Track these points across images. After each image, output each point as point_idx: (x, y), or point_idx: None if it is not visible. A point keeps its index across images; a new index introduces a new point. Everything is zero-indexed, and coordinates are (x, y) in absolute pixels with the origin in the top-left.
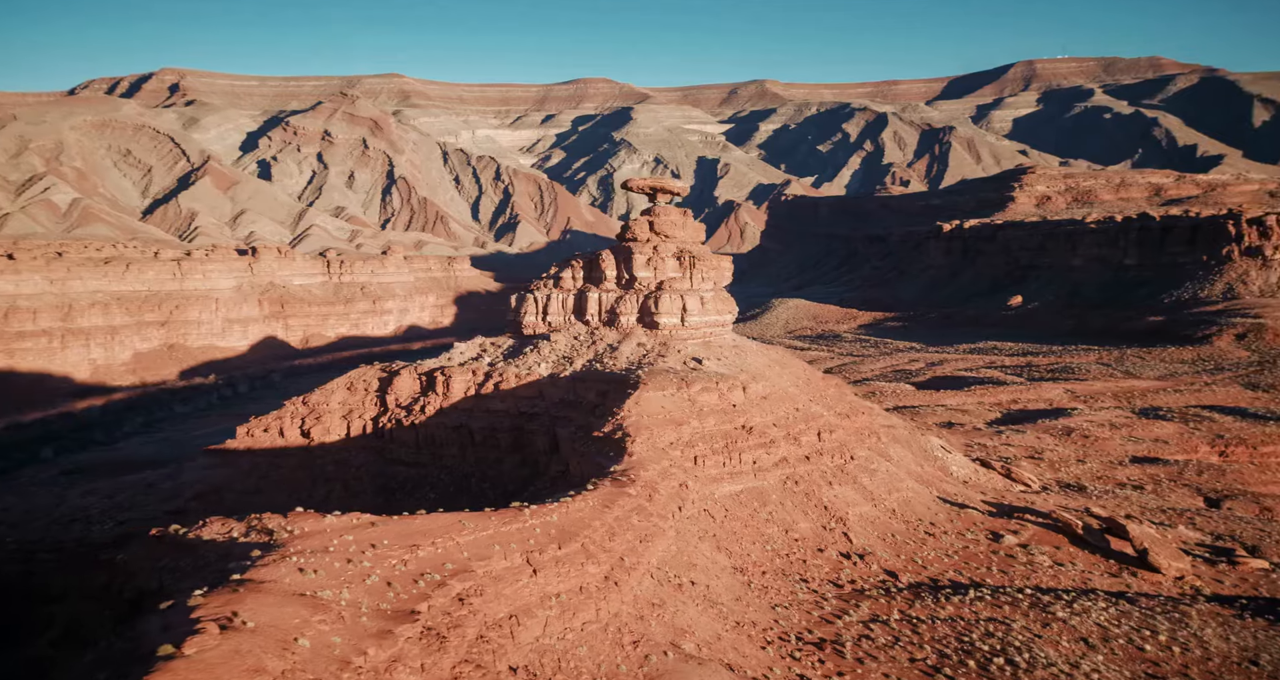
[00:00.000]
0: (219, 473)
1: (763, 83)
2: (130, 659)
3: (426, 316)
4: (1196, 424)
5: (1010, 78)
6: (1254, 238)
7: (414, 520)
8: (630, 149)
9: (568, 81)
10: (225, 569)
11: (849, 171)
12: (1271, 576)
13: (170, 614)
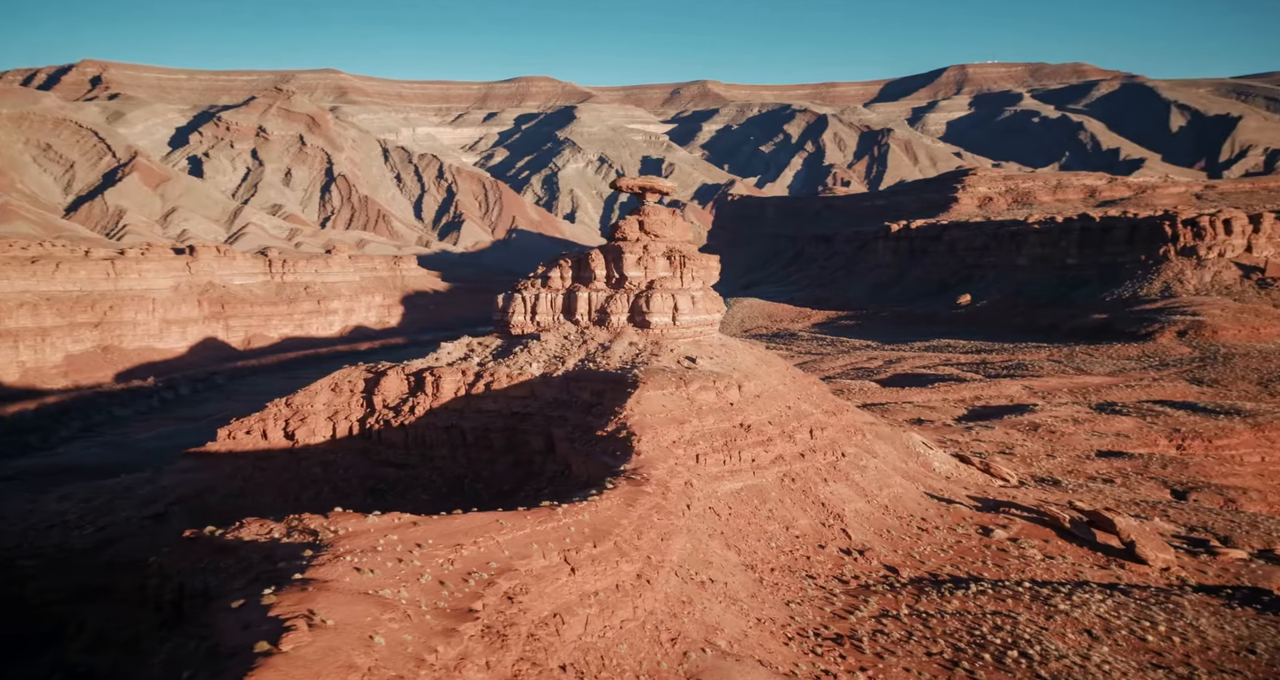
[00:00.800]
0: (200, 476)
1: (704, 83)
2: (215, 655)
3: (373, 317)
4: (1153, 419)
5: (943, 81)
6: (1189, 238)
7: (454, 520)
8: (574, 148)
9: (510, 80)
10: (275, 569)
11: (791, 172)
12: (1251, 566)
13: (245, 612)
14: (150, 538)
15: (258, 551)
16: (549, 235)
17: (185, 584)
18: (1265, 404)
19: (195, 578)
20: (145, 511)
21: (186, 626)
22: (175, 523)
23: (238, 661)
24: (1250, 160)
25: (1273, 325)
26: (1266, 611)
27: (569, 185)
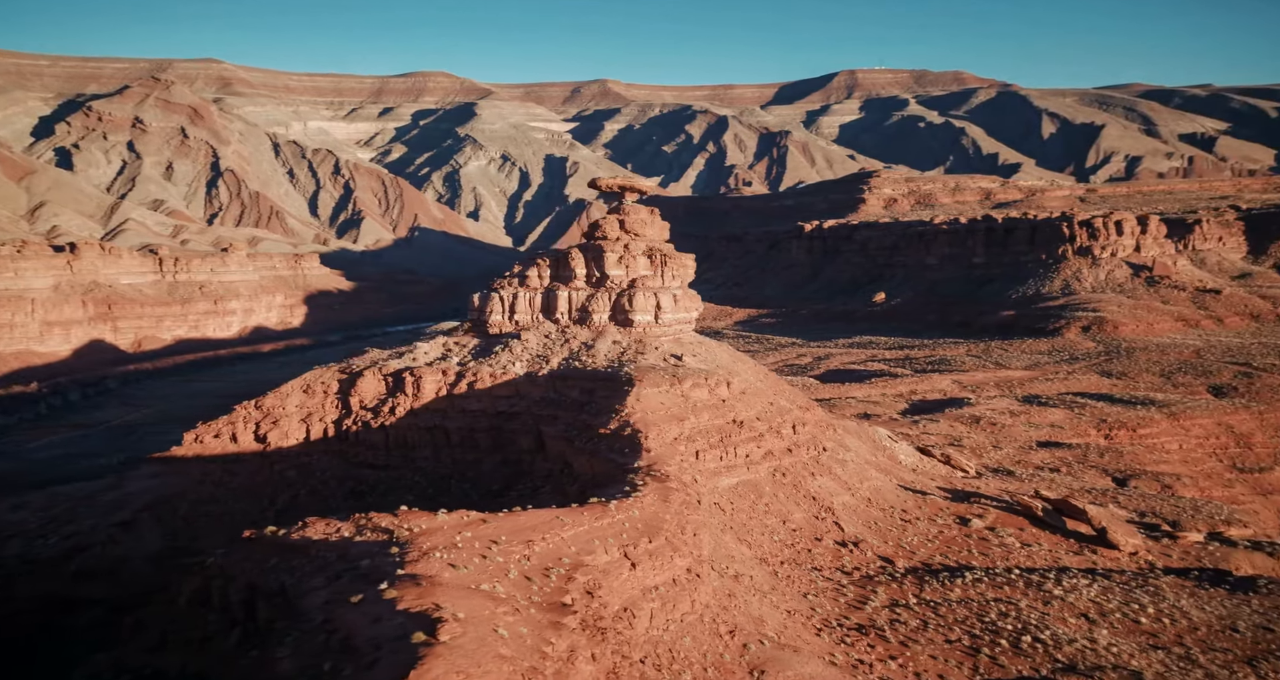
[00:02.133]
0: (168, 482)
1: (605, 82)
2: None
3: (274, 317)
4: (1080, 410)
5: (835, 86)
6: (1084, 239)
7: (518, 517)
8: (476, 145)
9: (405, 74)
10: (357, 566)
11: (694, 172)
12: (1208, 548)
13: (369, 607)
14: (121, 546)
15: (331, 550)
16: (453, 234)
17: (256, 584)
18: (1172, 395)
19: (267, 577)
20: (112, 519)
21: (290, 622)
22: (145, 530)
23: (393, 652)
24: (1113, 166)
25: (1163, 321)
26: (1236, 591)
27: (471, 183)
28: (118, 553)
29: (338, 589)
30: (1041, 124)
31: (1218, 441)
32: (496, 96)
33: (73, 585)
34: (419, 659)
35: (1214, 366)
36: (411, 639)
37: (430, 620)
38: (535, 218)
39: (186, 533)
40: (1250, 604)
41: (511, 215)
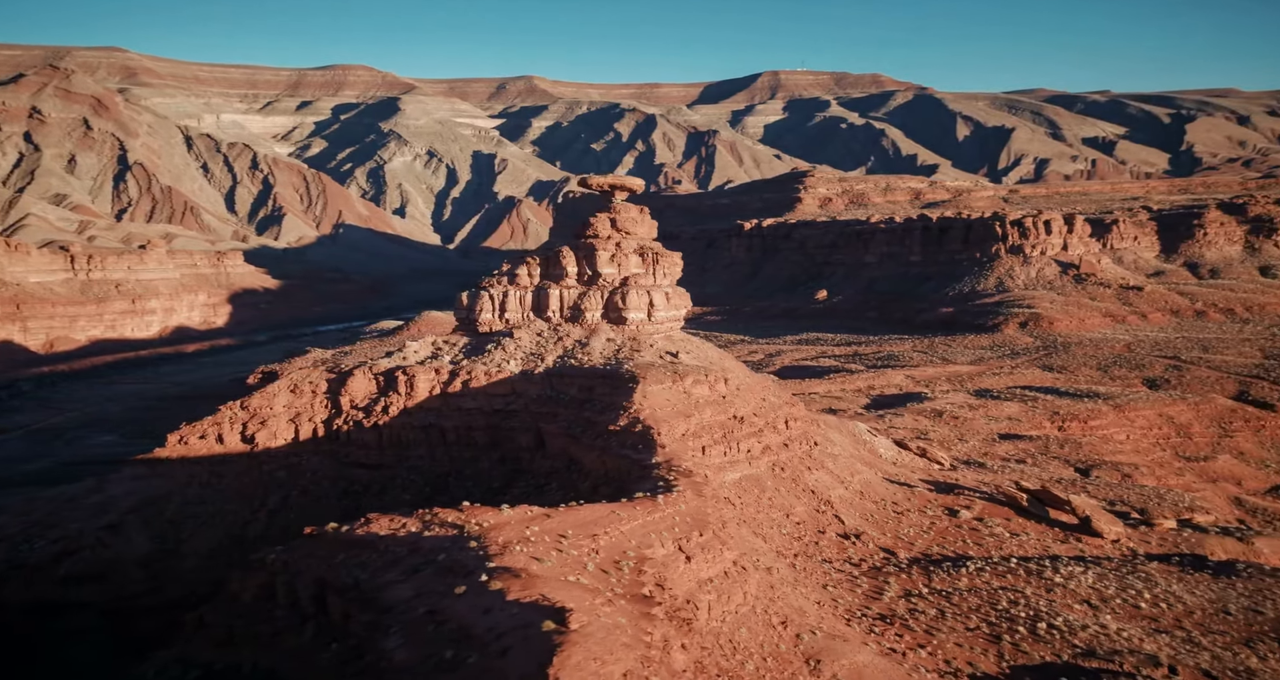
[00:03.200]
0: (152, 484)
1: (530, 79)
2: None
3: (197, 316)
4: (1032, 403)
5: (759, 86)
6: (1016, 237)
7: (578, 511)
8: (400, 141)
9: (324, 67)
10: (434, 561)
11: (623, 170)
12: (1183, 535)
13: (475, 598)
14: (110, 549)
15: (400, 545)
16: (380, 231)
17: (325, 579)
18: (1113, 387)
19: (337, 572)
20: (98, 523)
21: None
22: (132, 533)
23: (524, 640)
24: (1024, 168)
25: (1093, 316)
26: (1219, 575)
27: (397, 179)
28: (107, 556)
29: (422, 582)
30: (956, 126)
31: (1160, 432)
32: (420, 92)
33: (63, 589)
34: (557, 646)
35: (1145, 360)
36: (542, 627)
37: (555, 610)
38: (464, 215)
39: (175, 535)
40: (1235, 587)
41: (439, 212)
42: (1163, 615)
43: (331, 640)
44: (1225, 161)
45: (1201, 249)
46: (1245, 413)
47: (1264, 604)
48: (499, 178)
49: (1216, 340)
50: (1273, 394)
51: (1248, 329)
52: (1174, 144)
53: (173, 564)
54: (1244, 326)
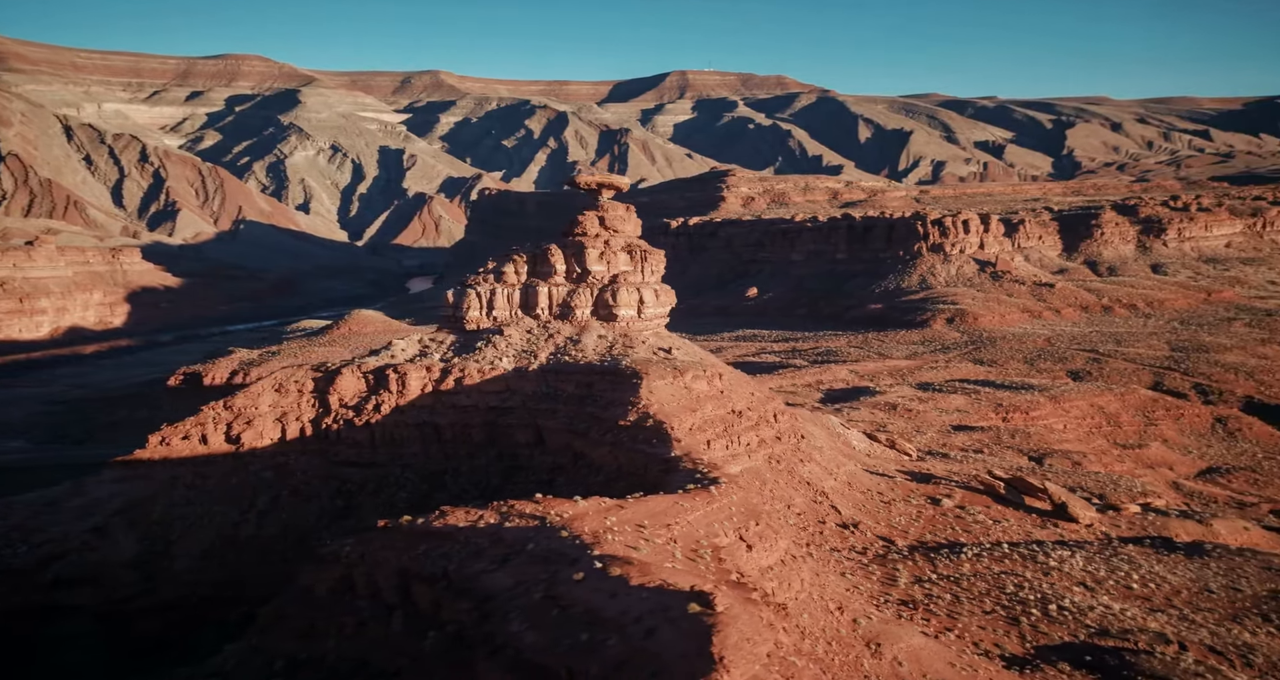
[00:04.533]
0: (135, 486)
1: (437, 73)
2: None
3: (92, 316)
4: (976, 396)
5: (668, 85)
6: (936, 236)
7: (646, 502)
8: (302, 134)
9: (216, 56)
10: (524, 550)
11: (536, 167)
12: (1148, 518)
13: (597, 583)
14: (98, 552)
15: (483, 536)
16: (282, 227)
17: (408, 569)
18: (1042, 379)
19: (420, 563)
20: (83, 526)
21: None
22: (119, 536)
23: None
24: (922, 169)
25: (1013, 312)
26: (1193, 556)
27: (299, 174)
28: (95, 559)
29: (520, 570)
30: (858, 128)
31: (1093, 421)
32: (321, 84)
33: (53, 593)
34: (712, 627)
35: (1067, 353)
36: (687, 610)
37: (696, 594)
38: (372, 211)
39: (164, 537)
40: (1210, 567)
41: (346, 208)
42: (1154, 595)
43: (426, 629)
44: (1102, 166)
45: (1100, 248)
46: (1165, 402)
47: (1240, 582)
48: (408, 174)
49: (1126, 334)
50: (1184, 384)
51: (1151, 323)
52: (1056, 148)
53: (165, 566)
54: (1147, 321)
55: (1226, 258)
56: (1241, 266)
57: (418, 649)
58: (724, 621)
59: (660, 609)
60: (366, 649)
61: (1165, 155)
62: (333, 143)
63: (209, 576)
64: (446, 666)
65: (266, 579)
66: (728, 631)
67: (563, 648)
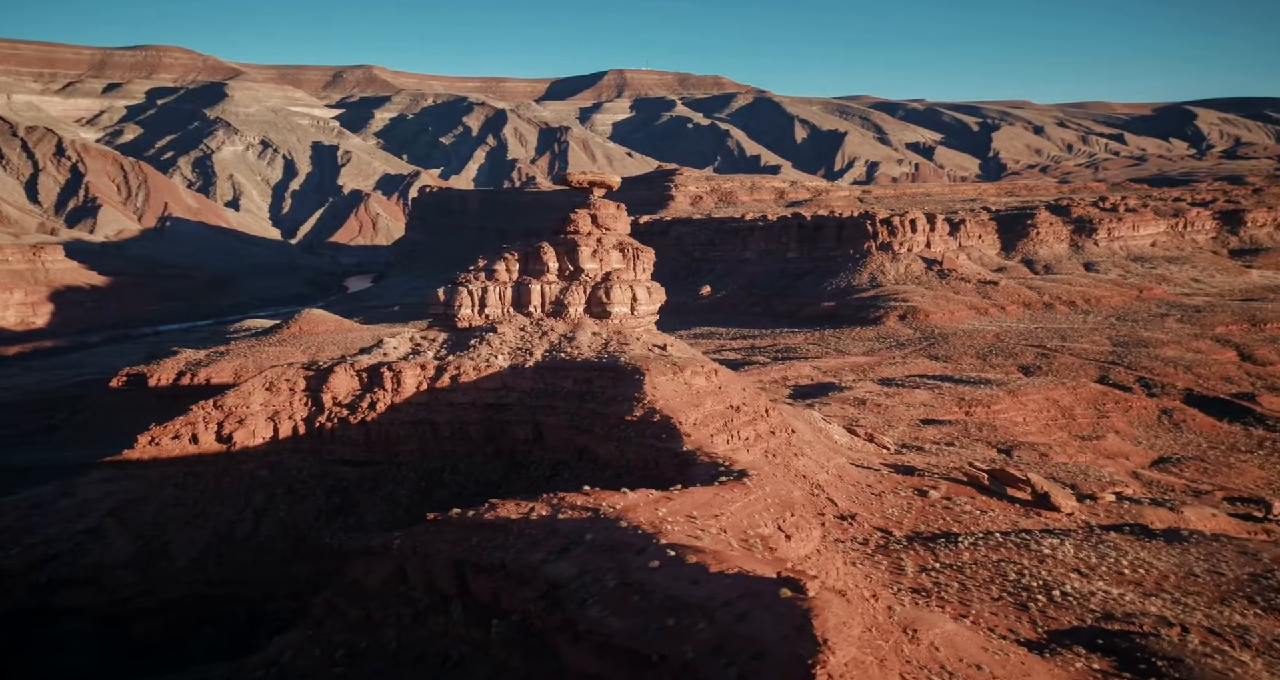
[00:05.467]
0: (126, 487)
1: (370, 68)
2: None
3: (13, 316)
4: (939, 391)
5: (605, 84)
6: (885, 235)
7: (690, 494)
8: (230, 129)
9: (134, 47)
10: (583, 540)
11: (475, 165)
12: (1123, 506)
13: (675, 570)
14: (93, 553)
15: (537, 527)
16: (212, 224)
17: (464, 560)
18: (996, 374)
19: (476, 554)
20: (76, 527)
21: (540, 592)
22: (113, 537)
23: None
24: (856, 170)
25: (961, 309)
26: (1172, 542)
27: (228, 170)
28: (90, 560)
29: (584, 559)
30: (794, 129)
31: (1049, 414)
32: (248, 78)
33: (48, 595)
34: (808, 611)
35: (1016, 349)
36: (779, 594)
37: (786, 579)
38: (306, 209)
39: (159, 537)
40: (1191, 552)
41: (278, 206)
42: (1145, 580)
43: (488, 618)
44: (1026, 167)
45: (1036, 247)
46: (1114, 395)
47: (1221, 566)
48: (343, 170)
49: (1069, 330)
50: (1128, 378)
51: (1090, 319)
52: (983, 150)
53: (162, 566)
54: (1086, 317)
55: (1153, 256)
56: (1167, 265)
57: (482, 637)
58: (819, 606)
59: (749, 594)
60: (427, 638)
61: (1084, 158)
62: (263, 138)
63: (207, 576)
64: (518, 653)
65: (267, 578)
66: (825, 615)
67: (651, 632)
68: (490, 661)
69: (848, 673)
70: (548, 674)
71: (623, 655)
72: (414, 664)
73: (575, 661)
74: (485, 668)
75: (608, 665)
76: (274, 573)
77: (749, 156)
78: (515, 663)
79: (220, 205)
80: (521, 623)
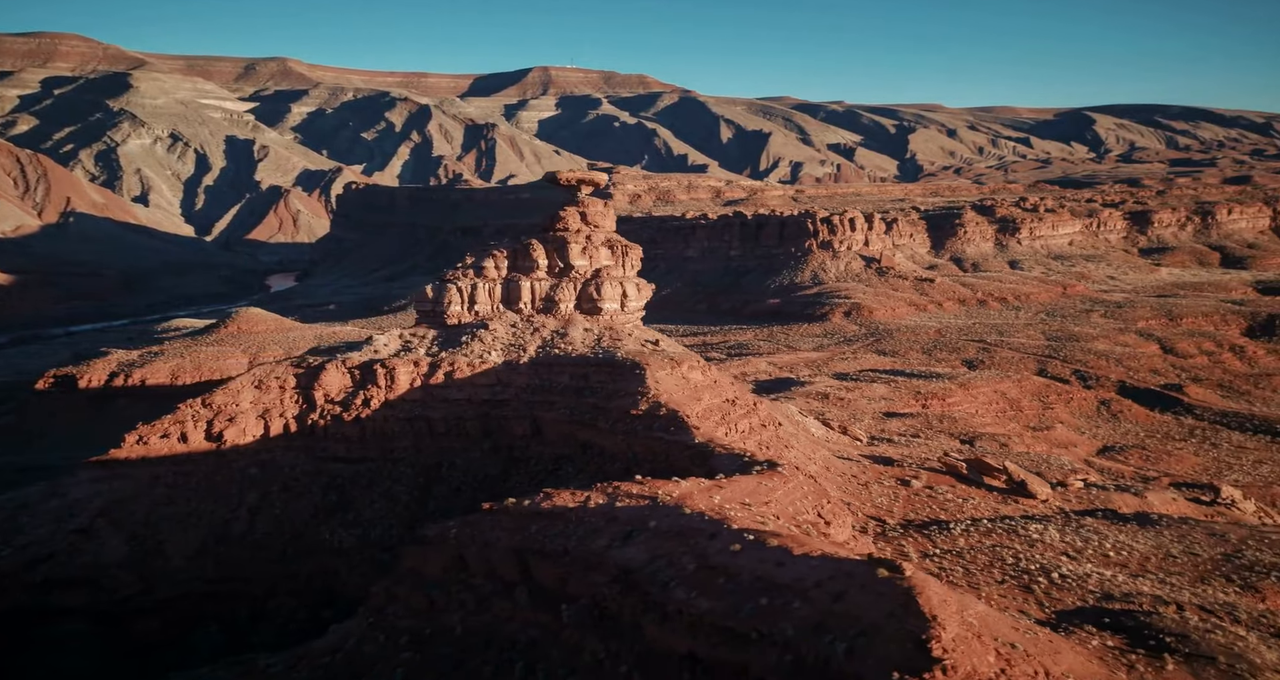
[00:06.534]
0: (114, 486)
1: (284, 61)
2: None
3: None
4: (894, 385)
5: (530, 81)
6: (825, 234)
7: (737, 482)
8: (136, 122)
9: (25, 34)
10: (647, 526)
11: (399, 161)
12: (1091, 493)
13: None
14: (87, 553)
15: (596, 515)
16: (120, 220)
17: (525, 547)
18: (943, 368)
19: (537, 541)
20: (67, 527)
21: (610, 575)
22: (106, 537)
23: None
24: (781, 170)
25: (901, 306)
26: (1145, 525)
27: (135, 164)
28: (84, 560)
29: (653, 544)
30: (720, 129)
31: (998, 406)
32: (154, 68)
33: (44, 596)
34: (911, 590)
35: (958, 344)
36: (877, 573)
37: (881, 561)
38: (221, 205)
39: (153, 537)
40: (1164, 535)
41: (190, 201)
42: (1129, 562)
43: (556, 602)
44: (941, 169)
45: (964, 245)
46: (1056, 387)
47: (1194, 547)
48: (260, 166)
49: (1005, 325)
50: (1065, 370)
51: (1023, 315)
52: (900, 152)
53: (159, 565)
54: (1018, 313)
55: (1071, 255)
56: (1085, 263)
57: (551, 621)
58: (920, 585)
59: (842, 575)
60: (492, 623)
61: (994, 160)
62: (172, 131)
63: (206, 574)
64: (594, 635)
65: (266, 575)
66: (929, 593)
67: (745, 612)
68: (562, 643)
69: (957, 647)
70: (633, 653)
71: (718, 633)
72: (483, 647)
73: (664, 641)
74: (557, 650)
75: (702, 643)
76: (274, 570)
77: (676, 156)
78: (592, 644)
79: (128, 200)
80: (593, 606)
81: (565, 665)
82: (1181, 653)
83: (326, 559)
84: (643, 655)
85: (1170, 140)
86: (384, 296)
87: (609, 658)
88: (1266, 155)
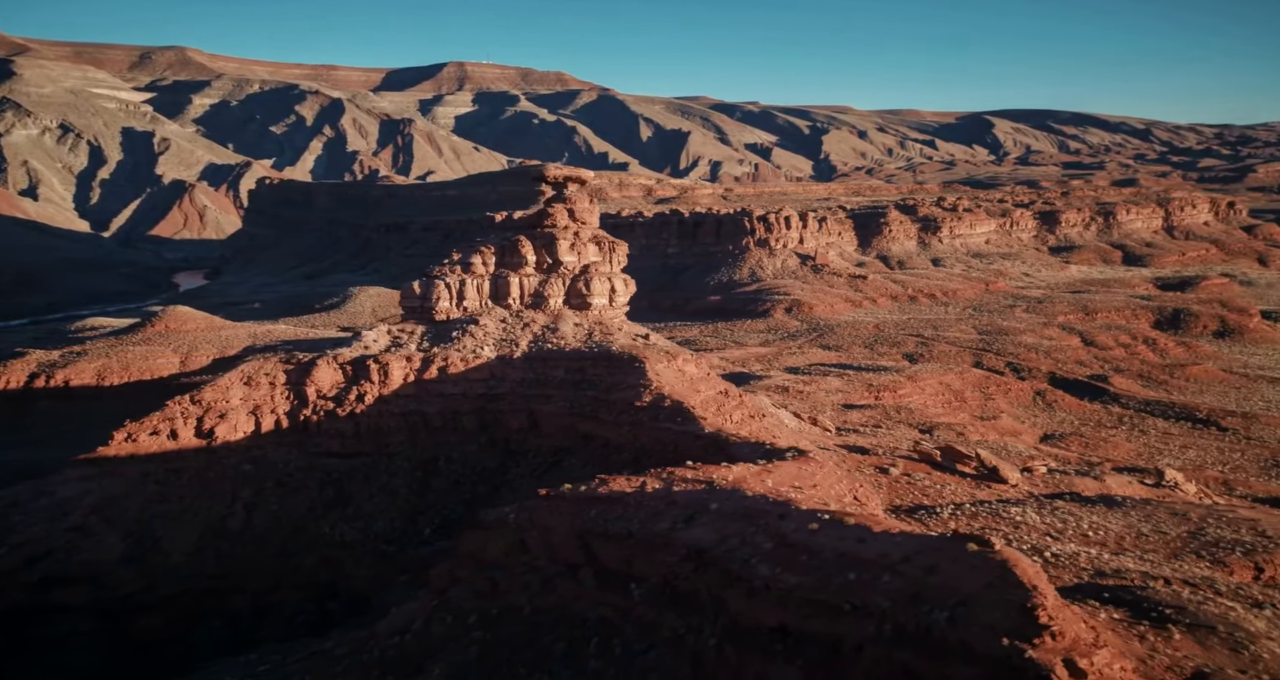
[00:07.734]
0: (105, 483)
1: (183, 50)
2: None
3: None
4: (847, 378)
5: (445, 76)
6: (762, 232)
7: (783, 467)
8: (21, 111)
9: None
10: (708, 509)
11: (311, 156)
12: (1055, 477)
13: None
14: (84, 551)
15: (655, 500)
16: (7, 215)
17: (586, 530)
18: (887, 362)
19: (599, 525)
20: (61, 525)
21: (680, 557)
22: (101, 534)
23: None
24: (701, 169)
25: (838, 302)
26: (1113, 506)
27: (21, 156)
28: (82, 558)
29: (719, 525)
30: (639, 128)
31: (944, 397)
32: (39, 55)
33: (43, 594)
34: (1005, 561)
35: (897, 338)
36: (966, 548)
37: (969, 536)
38: (119, 199)
39: (149, 533)
40: (1132, 515)
41: (84, 195)
42: (1107, 540)
43: (624, 582)
44: (854, 169)
45: (889, 244)
46: (994, 379)
47: (1162, 526)
48: (161, 159)
49: (938, 320)
50: (999, 363)
51: (952, 310)
52: (814, 152)
53: (158, 562)
54: (948, 308)
55: (988, 253)
56: (1001, 260)
57: (620, 599)
58: (1013, 558)
59: (930, 549)
60: (559, 603)
61: (903, 161)
62: (61, 121)
63: (206, 570)
64: (671, 611)
65: (269, 569)
66: (1023, 565)
67: (835, 585)
68: (635, 620)
69: (1058, 614)
70: (717, 626)
71: (809, 606)
72: (554, 625)
73: (751, 614)
74: (630, 626)
75: (794, 615)
76: (275, 565)
77: (597, 154)
78: (670, 619)
79: (14, 194)
80: (664, 585)
81: (643, 640)
82: (1183, 623)
83: (329, 552)
84: (729, 628)
85: (1062, 144)
86: (308, 295)
87: (690, 632)
88: (1148, 159)
